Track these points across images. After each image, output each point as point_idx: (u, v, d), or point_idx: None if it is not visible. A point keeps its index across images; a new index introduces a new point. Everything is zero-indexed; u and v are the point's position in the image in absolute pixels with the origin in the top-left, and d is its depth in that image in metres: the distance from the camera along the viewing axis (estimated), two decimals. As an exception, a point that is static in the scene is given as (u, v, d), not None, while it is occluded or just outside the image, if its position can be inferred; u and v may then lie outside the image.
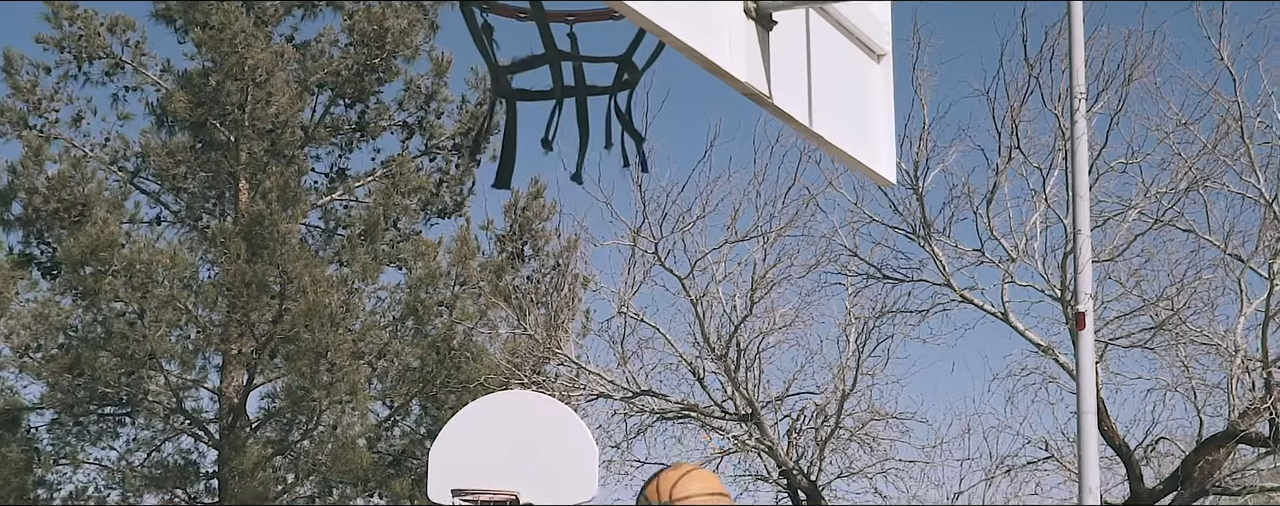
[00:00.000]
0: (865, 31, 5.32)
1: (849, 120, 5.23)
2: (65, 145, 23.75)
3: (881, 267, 18.60)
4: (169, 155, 23.35)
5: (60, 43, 23.83)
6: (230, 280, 22.00)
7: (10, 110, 23.66)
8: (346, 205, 24.58)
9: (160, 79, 24.11)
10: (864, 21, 5.32)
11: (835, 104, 5.13)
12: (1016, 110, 17.65)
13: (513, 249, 24.07)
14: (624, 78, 4.81)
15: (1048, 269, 17.49)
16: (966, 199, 18.01)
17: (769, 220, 18.75)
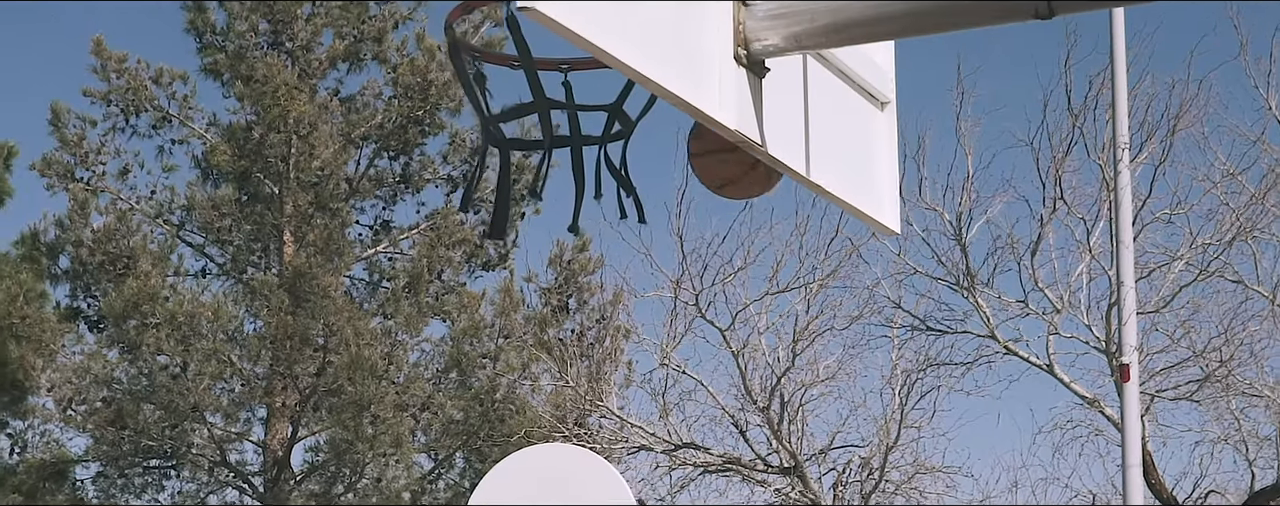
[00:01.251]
0: (867, 79, 5.22)
1: (850, 169, 5.13)
2: (112, 198, 23.86)
3: (925, 319, 18.46)
4: (214, 208, 23.41)
5: (107, 96, 23.96)
6: (273, 333, 22.00)
7: (58, 163, 23.79)
8: (391, 258, 24.58)
9: (206, 132, 24.21)
10: (866, 69, 5.22)
11: (835, 153, 5.02)
12: (1060, 161, 17.52)
13: (557, 302, 23.99)
14: (616, 127, 4.73)
15: (1093, 320, 17.31)
16: (1010, 250, 17.87)
17: (811, 271, 18.64)
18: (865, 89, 5.25)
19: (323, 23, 23.96)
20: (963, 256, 17.88)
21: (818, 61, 4.98)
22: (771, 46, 4.47)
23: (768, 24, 4.45)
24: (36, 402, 23.35)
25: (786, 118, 4.77)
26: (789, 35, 4.45)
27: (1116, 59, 14.19)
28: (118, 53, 24.10)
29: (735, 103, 4.41)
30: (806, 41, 4.46)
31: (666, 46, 4.20)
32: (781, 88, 4.75)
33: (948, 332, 18.34)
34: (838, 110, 5.11)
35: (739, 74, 4.45)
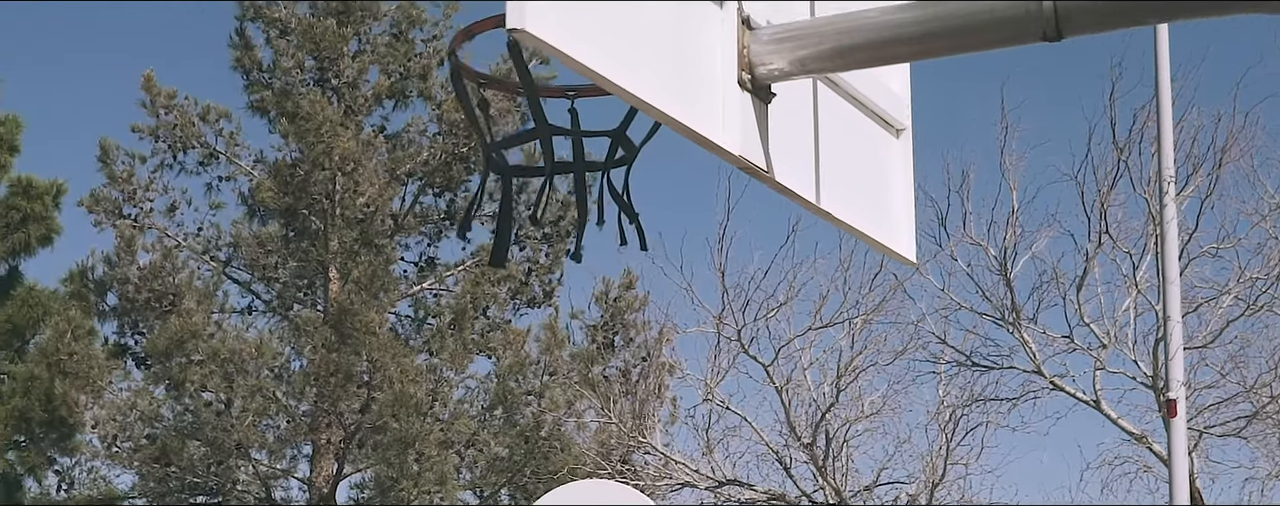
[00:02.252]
0: (881, 105, 5.14)
1: (864, 197, 5.04)
2: (159, 235, 23.94)
3: (971, 355, 18.33)
4: (259, 245, 23.46)
5: (155, 131, 24.07)
6: (318, 369, 22.00)
7: (106, 199, 23.91)
8: (436, 294, 24.57)
9: (252, 169, 24.29)
10: (880, 95, 5.14)
11: (848, 180, 4.94)
12: (1106, 195, 17.38)
13: (603, 339, 23.92)
14: (619, 153, 4.66)
15: (1140, 355, 17.14)
16: (1056, 285, 17.74)
17: (856, 306, 18.54)
18: (880, 115, 5.17)
19: (369, 60, 24.03)
20: (1008, 291, 17.76)
21: (829, 87, 4.91)
22: (777, 71, 4.40)
23: (772, 48, 4.38)
24: (84, 439, 23.43)
25: (796, 144, 4.69)
26: (794, 59, 4.38)
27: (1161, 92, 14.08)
28: (167, 89, 24.24)
29: (739, 128, 4.34)
30: (812, 65, 4.39)
31: (666, 70, 4.13)
32: (791, 114, 4.67)
33: (993, 368, 18.23)
34: (851, 137, 5.03)
35: (743, 99, 4.38)
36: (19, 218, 24.64)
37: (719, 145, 4.28)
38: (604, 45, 3.89)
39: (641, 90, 4.00)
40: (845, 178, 4.93)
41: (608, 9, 3.92)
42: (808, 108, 4.79)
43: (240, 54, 24.22)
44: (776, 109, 4.55)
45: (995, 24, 4.21)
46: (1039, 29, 4.16)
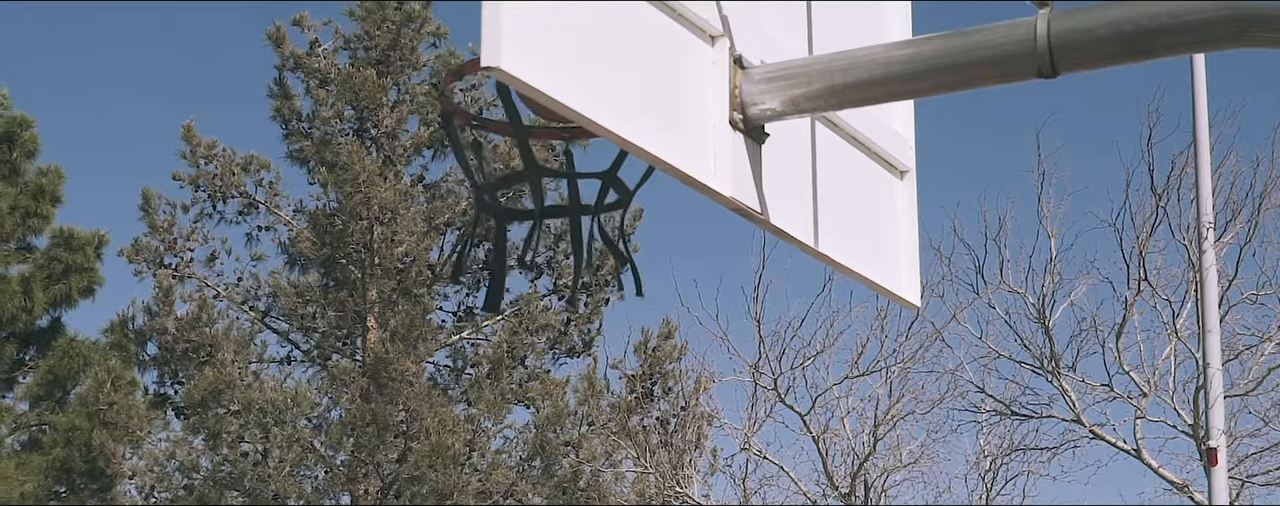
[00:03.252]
0: (884, 146, 5.06)
1: (865, 240, 4.95)
2: (199, 284, 23.98)
3: (1010, 404, 18.16)
4: (298, 295, 23.47)
5: (195, 181, 24.14)
6: (355, 419, 21.95)
7: (147, 249, 23.97)
8: (474, 344, 24.51)
9: (292, 219, 24.33)
10: (882, 136, 5.06)
11: (848, 223, 4.85)
12: (1144, 241, 17.22)
13: (642, 389, 23.81)
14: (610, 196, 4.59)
15: (1180, 404, 16.93)
16: (1095, 332, 17.58)
17: (893, 355, 18.41)
18: (882, 157, 5.09)
19: (408, 110, 24.07)
20: (1047, 339, 17.60)
21: (828, 128, 4.83)
22: (769, 111, 4.32)
23: (765, 87, 4.31)
24: (123, 490, 23.42)
25: (793, 186, 4.62)
26: (787, 99, 4.31)
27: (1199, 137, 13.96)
28: (207, 139, 24.32)
29: (731, 169, 4.26)
30: (805, 105, 4.31)
31: (654, 110, 4.06)
32: (788, 155, 4.60)
33: (1033, 417, 18.07)
34: (851, 178, 4.95)
35: (736, 139, 4.30)
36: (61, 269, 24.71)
37: (709, 187, 4.20)
38: (587, 84, 3.82)
39: (625, 130, 3.93)
40: (845, 220, 4.84)
41: (592, 46, 3.86)
42: (805, 149, 4.71)
43: (280, 104, 24.30)
44: (772, 150, 4.47)
45: (990, 61, 4.13)
46: (1034, 66, 4.08)
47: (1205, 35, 3.91)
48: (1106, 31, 4.00)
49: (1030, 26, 4.08)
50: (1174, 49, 3.98)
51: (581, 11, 3.82)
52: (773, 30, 4.55)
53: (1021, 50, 4.08)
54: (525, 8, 3.61)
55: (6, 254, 24.56)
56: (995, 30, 4.13)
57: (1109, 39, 4.00)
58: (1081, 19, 4.04)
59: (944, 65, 4.17)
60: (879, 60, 4.24)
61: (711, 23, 4.27)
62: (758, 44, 4.44)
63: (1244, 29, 3.87)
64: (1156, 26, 3.95)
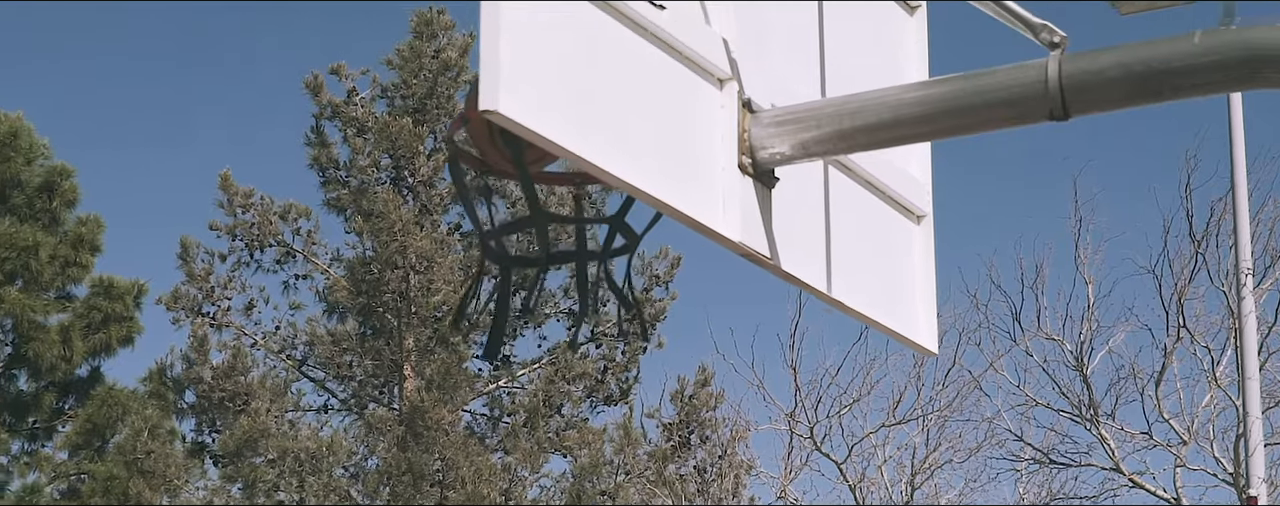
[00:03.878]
0: (900, 191, 4.99)
1: (880, 287, 4.89)
2: (236, 333, 24.02)
3: (1048, 452, 18.02)
4: (334, 343, 23.47)
5: (233, 230, 24.21)
6: (391, 468, 21.90)
7: (185, 297, 24.02)
8: (511, 393, 24.46)
9: (329, 267, 24.36)
10: (899, 181, 5.00)
11: (862, 269, 4.79)
12: (1183, 288, 17.10)
13: (680, 438, 23.70)
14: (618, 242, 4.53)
15: (1221, 452, 16.76)
16: (1134, 380, 17.45)
17: (930, 403, 18.30)
18: (898, 202, 5.02)
19: (444, 158, 24.09)
20: (1085, 387, 17.50)
21: (842, 172, 4.77)
22: (778, 154, 4.27)
23: (773, 131, 4.26)
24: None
25: (805, 231, 4.56)
26: (797, 143, 4.25)
27: (1237, 183, 13.87)
28: (244, 188, 24.40)
29: (739, 214, 4.20)
30: (815, 149, 4.26)
31: (660, 154, 4.01)
32: (801, 200, 4.54)
33: (1071, 465, 17.92)
34: (867, 224, 4.89)
35: (744, 184, 4.25)
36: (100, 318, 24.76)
37: (717, 231, 4.15)
38: (589, 127, 3.77)
39: (630, 174, 3.87)
40: (860, 266, 4.78)
41: (594, 89, 3.81)
42: (818, 194, 4.66)
43: (317, 152, 24.37)
44: (784, 195, 4.42)
45: (1001, 103, 4.08)
46: (1046, 108, 4.02)
47: (1218, 77, 3.85)
48: (1118, 73, 3.94)
49: (1041, 68, 4.02)
50: (1186, 91, 3.91)
51: (583, 54, 3.78)
52: (783, 73, 4.51)
53: (1033, 92, 4.02)
54: (524, 50, 3.56)
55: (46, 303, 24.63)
56: (1006, 73, 4.08)
57: (1120, 81, 3.94)
58: (1093, 61, 3.98)
59: (954, 108, 4.12)
60: (889, 103, 4.19)
61: (720, 66, 4.23)
62: (767, 87, 4.39)
63: (1256, 70, 3.80)
64: (1168, 68, 3.89)
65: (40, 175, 24.62)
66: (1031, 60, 4.06)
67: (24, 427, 24.59)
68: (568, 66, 3.72)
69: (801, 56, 4.69)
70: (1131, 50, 3.95)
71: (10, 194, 24.67)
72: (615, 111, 3.88)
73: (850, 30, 4.95)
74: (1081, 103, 3.99)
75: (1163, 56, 3.90)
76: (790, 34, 4.65)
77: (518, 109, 3.53)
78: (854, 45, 4.95)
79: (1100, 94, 3.97)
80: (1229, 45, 3.83)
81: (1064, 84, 3.98)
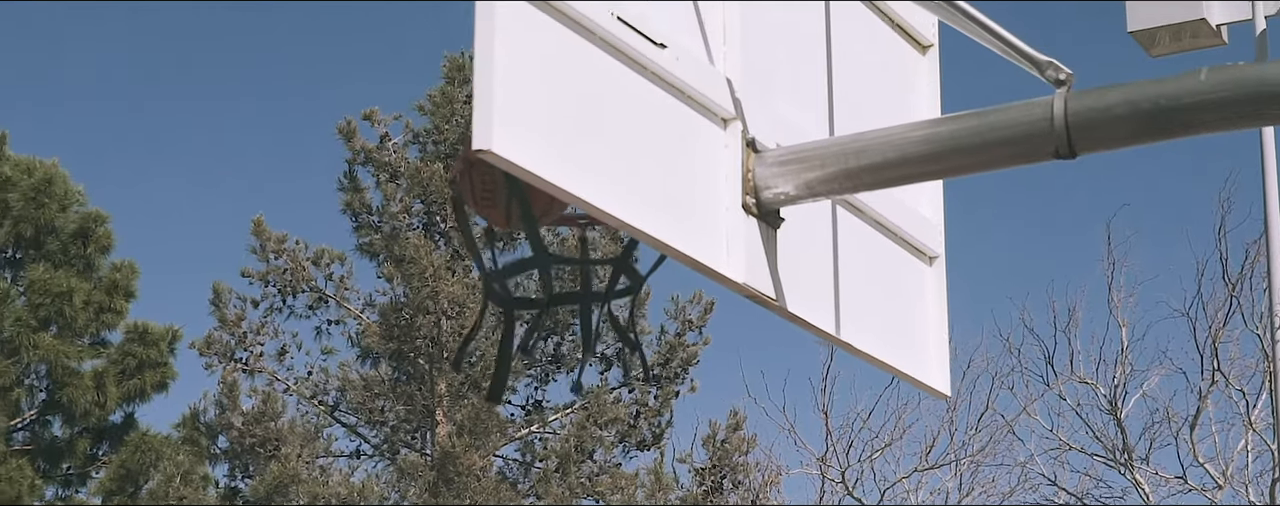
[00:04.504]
0: (911, 232, 4.95)
1: (890, 328, 4.83)
2: (269, 379, 24.03)
3: (1082, 497, 17.87)
4: (367, 388, 23.46)
5: (265, 276, 24.25)
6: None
7: (218, 343, 24.06)
8: (543, 438, 24.39)
9: (362, 312, 24.36)
10: (910, 221, 4.95)
11: (873, 310, 4.74)
12: (1218, 331, 16.99)
13: (711, 483, 23.59)
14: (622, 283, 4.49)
15: (1256, 495, 16.60)
16: (1168, 424, 17.32)
17: (963, 447, 18.17)
18: (910, 242, 4.98)
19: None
20: (1119, 431, 17.36)
21: (851, 213, 4.72)
22: (783, 194, 4.23)
23: (778, 171, 4.22)
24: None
25: (813, 272, 4.51)
26: (801, 183, 4.21)
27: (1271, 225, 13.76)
28: (277, 233, 24.44)
29: (743, 255, 4.16)
30: (820, 188, 4.21)
31: (661, 194, 3.97)
32: (808, 241, 4.50)
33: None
34: (877, 265, 4.84)
35: (749, 224, 4.21)
36: (134, 364, 24.80)
37: (720, 272, 4.11)
38: (589, 167, 3.73)
39: (629, 214, 3.83)
40: (869, 307, 4.73)
41: (593, 128, 3.78)
42: (826, 234, 4.61)
43: (350, 197, 24.40)
44: (791, 236, 4.37)
45: (1006, 142, 4.03)
46: (1051, 146, 3.97)
47: (1224, 113, 3.80)
48: (1124, 110, 3.89)
49: (1047, 106, 3.98)
50: (1194, 128, 3.86)
51: (582, 93, 3.75)
52: (791, 114, 4.47)
53: (1038, 130, 3.97)
54: (519, 88, 3.53)
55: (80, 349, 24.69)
56: (1012, 110, 4.03)
57: (1127, 118, 3.89)
58: (1099, 98, 3.93)
59: (960, 146, 4.07)
60: (895, 142, 4.14)
61: (723, 105, 4.20)
62: (774, 127, 4.35)
63: (1263, 106, 3.75)
64: (1176, 105, 3.84)
65: (74, 221, 24.73)
66: (1038, 98, 4.02)
67: (58, 473, 24.64)
68: (565, 106, 3.69)
69: (810, 97, 4.65)
70: (1138, 88, 3.90)
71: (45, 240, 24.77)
72: (615, 151, 3.84)
73: (861, 70, 4.91)
74: (1088, 141, 3.94)
75: (1170, 94, 3.85)
76: (798, 74, 4.61)
77: (512, 149, 3.49)
78: (864, 85, 4.91)
79: (1107, 132, 3.92)
80: (1235, 82, 3.78)
81: (1070, 122, 3.93)
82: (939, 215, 5.12)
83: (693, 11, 4.19)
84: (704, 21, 4.23)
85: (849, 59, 4.85)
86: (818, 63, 4.71)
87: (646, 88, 3.98)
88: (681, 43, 4.09)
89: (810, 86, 4.66)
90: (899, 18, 5.10)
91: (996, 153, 4.05)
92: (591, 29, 3.78)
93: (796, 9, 4.64)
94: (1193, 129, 3.86)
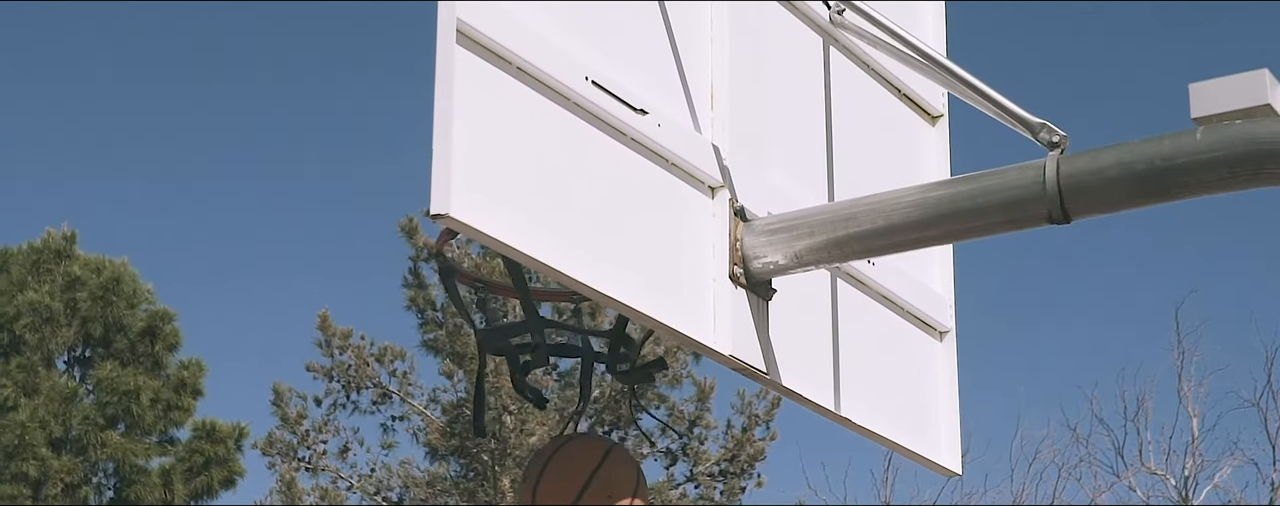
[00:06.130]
0: (919, 306, 4.79)
1: (897, 405, 4.67)
2: (333, 476, 23.96)
3: (1154, 593, 17.46)
4: (430, 485, 23.36)
5: (330, 371, 24.26)
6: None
7: (279, 442, 24.05)
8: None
9: (426, 408, 24.30)
10: (918, 295, 4.80)
11: (877, 386, 4.59)
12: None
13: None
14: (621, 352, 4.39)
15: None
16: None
17: (1030, 542, 17.82)
18: (918, 317, 4.82)
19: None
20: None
21: (854, 286, 4.58)
22: (772, 264, 4.09)
23: (767, 240, 4.08)
24: None
25: (812, 346, 4.37)
26: (791, 253, 4.07)
27: (1339, 313, 13.48)
28: (342, 328, 24.47)
29: (730, 327, 4.02)
30: (808, 258, 4.08)
31: (643, 264, 3.85)
32: (808, 314, 4.36)
33: (1178, 607, 17.32)
34: (883, 339, 4.69)
35: (737, 295, 4.07)
36: (201, 461, 24.83)
37: (705, 344, 3.97)
38: (560, 233, 3.61)
39: (604, 283, 3.71)
40: (874, 383, 4.57)
41: (566, 195, 3.66)
42: (826, 308, 4.47)
43: (414, 293, 24.42)
44: (789, 309, 4.24)
45: (998, 207, 3.88)
46: (1044, 210, 3.82)
47: (1221, 174, 3.64)
48: (1117, 172, 3.74)
49: (1039, 169, 3.83)
50: (1191, 189, 3.71)
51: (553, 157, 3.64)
52: (784, 182, 4.34)
53: (1031, 194, 3.83)
54: (483, 149, 3.42)
55: (148, 447, 24.75)
56: (1004, 174, 3.89)
57: (1121, 180, 3.74)
58: (1092, 160, 3.79)
59: (951, 212, 3.93)
60: (884, 209, 4.00)
61: (710, 173, 4.08)
62: (766, 196, 4.23)
63: (1261, 165, 3.60)
64: (1170, 166, 3.69)
65: (143, 320, 24.86)
66: (1031, 161, 3.88)
67: (125, 572, 24.63)
68: (534, 170, 3.58)
69: (810, 167, 4.53)
70: (1132, 149, 3.75)
71: (113, 338, 24.91)
72: (590, 218, 3.72)
73: (865, 140, 4.79)
74: (1081, 204, 3.79)
75: (1165, 154, 3.70)
76: (797, 144, 4.50)
77: (473, 215, 3.37)
78: (869, 155, 4.79)
79: (1100, 195, 3.77)
80: (1232, 140, 3.63)
81: (1063, 185, 3.79)
82: (949, 290, 4.97)
83: (677, 78, 4.09)
84: (690, 88, 4.13)
85: (853, 128, 4.73)
86: (818, 132, 4.59)
87: (625, 154, 3.87)
88: (664, 108, 3.99)
89: (809, 156, 4.54)
90: (906, 87, 4.98)
91: (989, 218, 3.90)
92: (562, 92, 3.68)
93: (794, 78, 4.53)
94: (1190, 190, 3.71)
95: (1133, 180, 3.73)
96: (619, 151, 3.85)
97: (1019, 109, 3.98)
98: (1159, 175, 3.71)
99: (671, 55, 4.10)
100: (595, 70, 3.77)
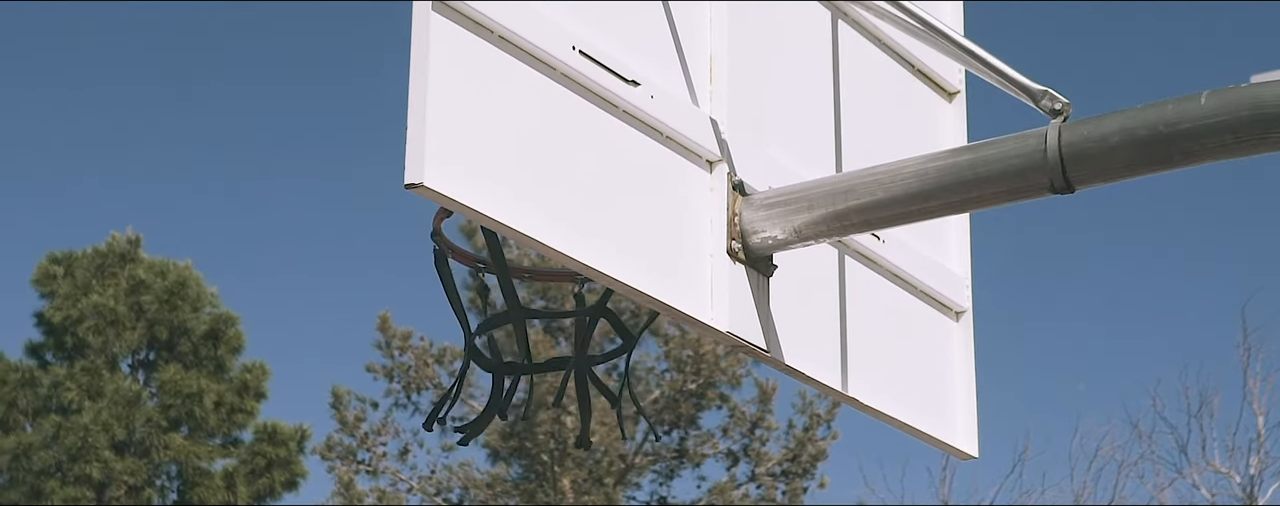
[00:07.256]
0: (933, 286, 4.68)
1: (910, 387, 4.56)
2: (392, 478, 23.98)
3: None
4: (490, 486, 23.34)
5: (390, 372, 24.28)
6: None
7: (339, 445, 24.08)
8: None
9: (485, 410, 24.28)
10: (933, 275, 4.68)
11: (888, 367, 4.48)
12: (1357, 417, 16.34)
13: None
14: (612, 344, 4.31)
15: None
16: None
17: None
18: (933, 297, 4.71)
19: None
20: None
21: (864, 264, 4.47)
22: (771, 239, 3.99)
23: (765, 214, 3.98)
24: None
25: (818, 325, 4.26)
26: (789, 227, 3.97)
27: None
28: (402, 329, 24.50)
29: (728, 303, 3.92)
30: (808, 232, 3.97)
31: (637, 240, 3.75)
32: (814, 292, 4.26)
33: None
34: (896, 319, 4.58)
35: (736, 271, 3.97)
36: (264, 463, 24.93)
37: (701, 321, 3.88)
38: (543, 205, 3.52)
39: (591, 256, 3.62)
40: (885, 364, 4.46)
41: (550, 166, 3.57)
42: (834, 286, 4.37)
43: (474, 295, 24.35)
44: (793, 287, 4.15)
45: (998, 176, 3.77)
46: (1046, 179, 3.71)
47: (1225, 139, 3.52)
48: (1120, 139, 3.62)
49: (1041, 137, 3.72)
50: (1196, 156, 3.58)
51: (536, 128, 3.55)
52: (787, 158, 4.24)
53: (1031, 164, 3.72)
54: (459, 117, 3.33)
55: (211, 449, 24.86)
56: (1005, 143, 3.78)
57: (1124, 147, 3.62)
58: (1095, 127, 3.67)
59: (951, 183, 3.82)
60: (883, 181, 3.90)
61: (708, 147, 3.98)
62: (767, 171, 4.12)
63: (1267, 131, 3.47)
64: (1174, 132, 3.56)
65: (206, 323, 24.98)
66: (1032, 129, 3.76)
67: (188, 574, 24.74)
68: (515, 140, 3.49)
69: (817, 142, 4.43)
70: (1136, 114, 3.63)
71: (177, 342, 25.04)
72: (576, 191, 3.63)
73: (879, 116, 4.69)
74: (1083, 173, 3.68)
75: (1169, 119, 3.58)
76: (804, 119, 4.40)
77: (448, 184, 3.29)
78: (882, 132, 4.68)
79: (1102, 163, 3.65)
80: (1237, 104, 3.51)
81: (1064, 153, 3.67)
82: (966, 269, 4.84)
83: (675, 50, 4.00)
84: (688, 61, 4.03)
85: (865, 104, 4.62)
86: (826, 107, 4.49)
87: (617, 126, 3.78)
88: (660, 81, 3.89)
89: (818, 132, 4.44)
90: (921, 63, 4.87)
91: (989, 188, 3.79)
92: (548, 63, 3.59)
93: (802, 53, 4.43)
94: (1195, 157, 3.58)
95: (1136, 146, 3.61)
96: (610, 124, 3.76)
97: (1018, 75, 3.86)
98: (1163, 141, 3.59)
99: (668, 27, 4.00)
100: (584, 40, 3.68)
